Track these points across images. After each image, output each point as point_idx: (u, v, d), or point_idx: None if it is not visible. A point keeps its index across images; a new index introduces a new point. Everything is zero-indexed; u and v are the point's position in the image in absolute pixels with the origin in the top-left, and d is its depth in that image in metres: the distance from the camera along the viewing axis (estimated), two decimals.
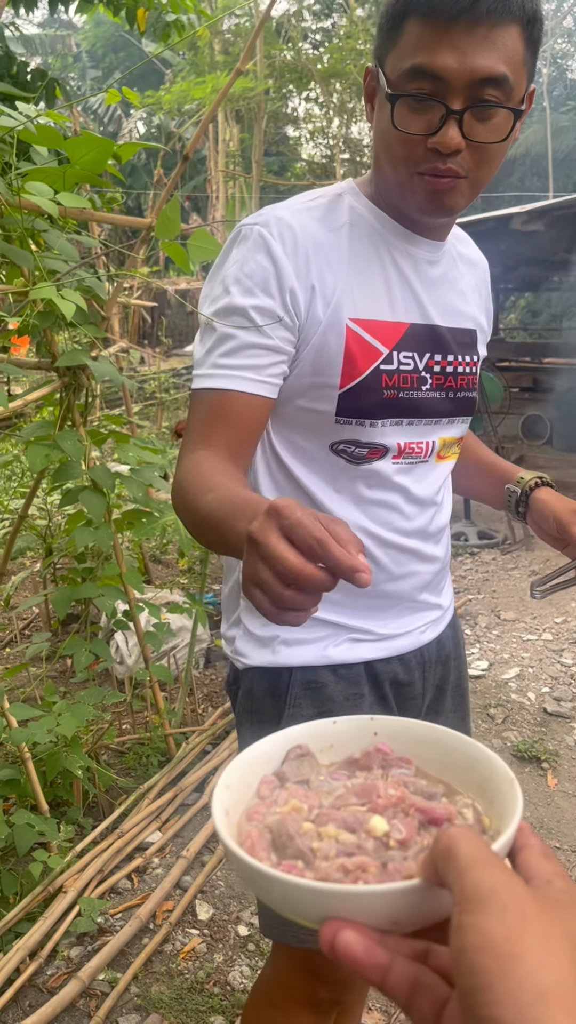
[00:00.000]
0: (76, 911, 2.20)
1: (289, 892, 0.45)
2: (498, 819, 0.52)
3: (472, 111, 1.00)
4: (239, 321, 1.09)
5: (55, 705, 2.39)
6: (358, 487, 1.20)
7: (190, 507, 0.96)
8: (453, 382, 1.23)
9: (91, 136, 1.74)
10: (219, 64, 11.28)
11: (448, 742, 0.60)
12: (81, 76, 16.09)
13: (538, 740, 3.15)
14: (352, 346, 1.12)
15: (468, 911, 0.39)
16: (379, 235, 1.16)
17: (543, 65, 14.71)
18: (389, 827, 0.51)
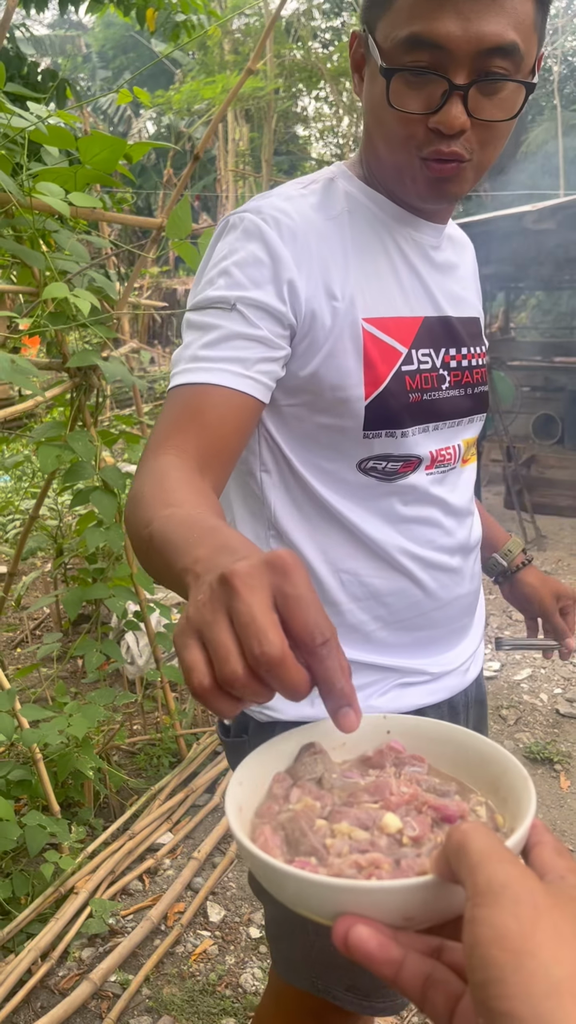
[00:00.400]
0: (88, 912, 2.20)
1: (303, 888, 0.45)
2: (511, 816, 0.52)
3: (478, 85, 0.89)
4: (220, 312, 0.94)
5: (66, 706, 2.39)
6: (393, 505, 1.08)
7: (142, 521, 0.76)
8: (470, 377, 1.14)
9: (102, 135, 1.74)
10: (229, 64, 11.29)
11: (461, 740, 0.60)
12: (91, 77, 16.13)
13: (551, 742, 3.13)
14: (371, 349, 1.00)
15: (481, 905, 0.39)
16: (380, 221, 1.05)
17: (553, 63, 14.64)
18: (402, 824, 0.51)
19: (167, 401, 0.94)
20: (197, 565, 0.60)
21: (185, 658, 0.51)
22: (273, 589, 0.51)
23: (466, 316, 1.15)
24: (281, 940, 1.15)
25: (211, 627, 0.51)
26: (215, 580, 0.53)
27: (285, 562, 0.52)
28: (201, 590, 0.54)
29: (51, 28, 18.13)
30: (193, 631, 0.52)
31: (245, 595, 0.50)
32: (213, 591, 0.53)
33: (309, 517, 1.07)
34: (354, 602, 1.09)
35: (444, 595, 1.13)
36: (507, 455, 6.04)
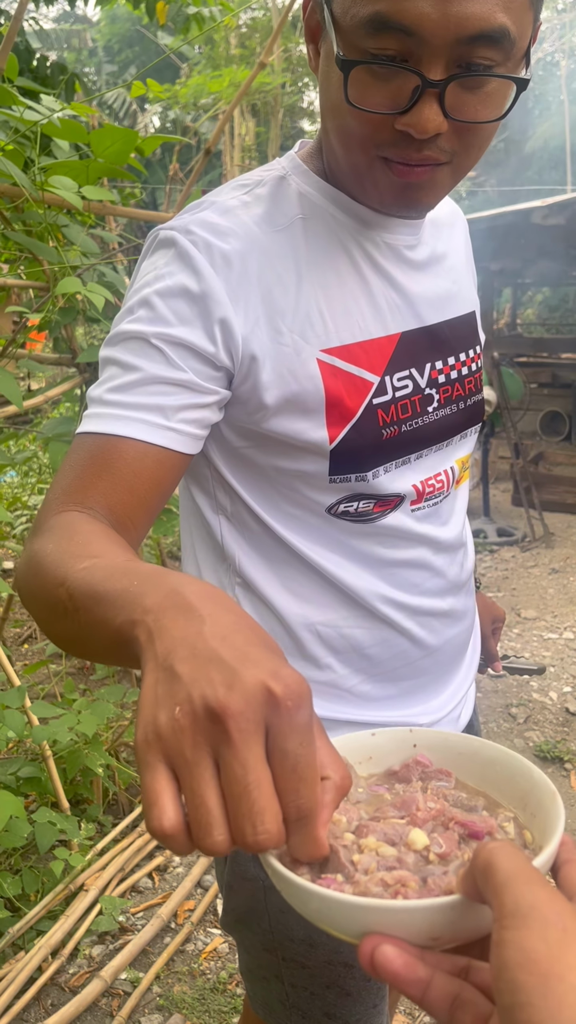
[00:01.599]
0: (97, 910, 2.19)
1: (328, 906, 0.45)
2: (540, 833, 0.51)
3: (457, 81, 0.72)
4: (138, 349, 0.79)
5: (75, 703, 2.38)
6: (373, 548, 0.95)
7: (52, 582, 0.62)
8: (461, 388, 0.99)
9: (115, 128, 1.73)
10: (235, 58, 11.24)
11: (488, 754, 0.59)
12: (97, 71, 16.10)
13: (561, 740, 3.12)
14: (332, 385, 0.85)
15: (508, 927, 0.38)
16: (342, 226, 0.88)
17: (562, 57, 14.58)
18: (429, 841, 0.50)
19: (71, 450, 0.79)
20: (148, 616, 0.50)
21: (148, 784, 0.43)
22: (269, 735, 0.44)
23: (456, 316, 1.00)
24: (256, 984, 1.09)
25: (191, 771, 0.43)
26: (200, 704, 0.43)
27: (286, 699, 0.44)
28: (173, 694, 0.44)
29: (56, 22, 18.10)
30: (163, 754, 0.44)
31: (240, 748, 0.43)
32: (196, 717, 0.43)
33: (277, 565, 0.94)
34: (333, 655, 0.97)
35: (433, 641, 1.01)
36: (515, 452, 6.02)
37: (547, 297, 13.94)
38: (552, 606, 4.51)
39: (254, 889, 1.01)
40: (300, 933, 0.98)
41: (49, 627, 0.66)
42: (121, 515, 0.75)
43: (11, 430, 3.00)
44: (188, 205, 0.90)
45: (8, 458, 2.84)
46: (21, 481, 5.57)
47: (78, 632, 0.60)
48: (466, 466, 1.06)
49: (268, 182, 0.90)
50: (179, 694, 0.44)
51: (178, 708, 0.44)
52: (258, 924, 1.03)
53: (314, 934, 0.98)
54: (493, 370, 5.70)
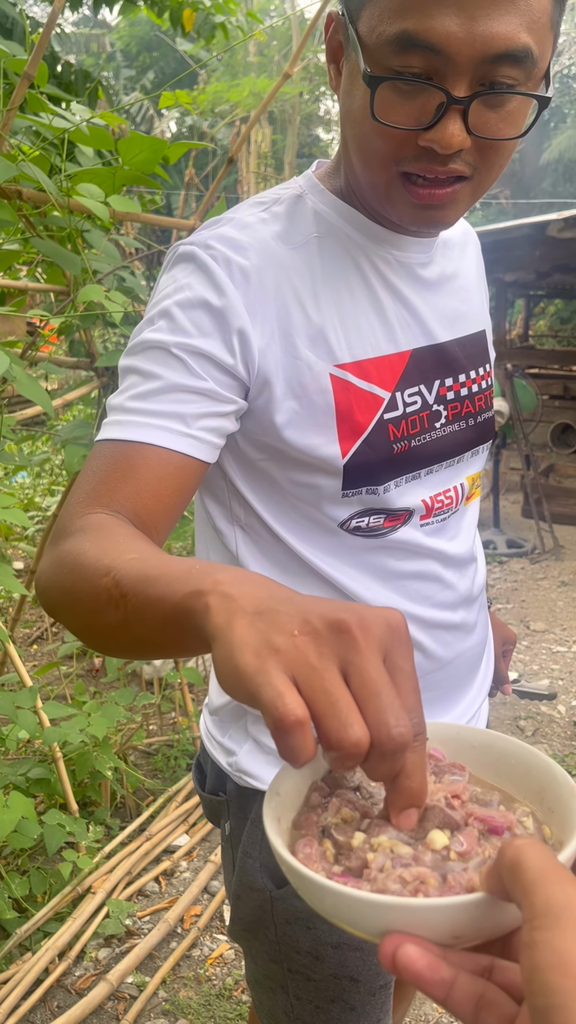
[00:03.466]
0: (104, 913, 2.20)
1: (348, 904, 0.44)
2: (559, 829, 0.50)
3: (481, 98, 0.74)
4: (159, 358, 0.81)
5: (85, 705, 2.39)
6: (385, 561, 0.96)
7: (97, 571, 0.63)
8: (471, 406, 1.00)
9: (142, 136, 1.74)
10: (253, 66, 11.30)
11: (502, 747, 0.58)
12: (115, 75, 16.17)
13: (569, 754, 3.12)
14: (343, 400, 0.87)
15: (540, 928, 0.37)
16: (356, 245, 0.90)
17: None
18: (449, 841, 0.49)
19: (92, 456, 0.80)
20: (221, 586, 0.50)
21: (272, 682, 0.43)
22: (385, 654, 0.45)
23: (466, 335, 1.01)
24: (263, 994, 1.09)
25: (320, 674, 0.43)
26: (320, 621, 0.45)
27: (402, 627, 0.46)
28: (283, 622, 0.45)
29: (76, 26, 18.20)
30: (283, 664, 0.44)
31: (369, 655, 0.44)
32: (318, 632, 0.45)
33: (290, 577, 0.95)
34: None
35: (446, 654, 1.02)
36: (526, 463, 6.02)
37: (560, 309, 13.94)
38: (561, 619, 4.50)
39: (261, 900, 1.01)
40: (306, 945, 0.98)
41: (88, 620, 0.65)
42: (146, 520, 0.76)
43: (26, 432, 3.02)
44: (207, 221, 0.92)
45: (25, 459, 2.86)
46: (33, 482, 5.59)
47: (124, 618, 0.59)
48: (477, 483, 1.07)
49: (285, 200, 0.92)
50: (291, 622, 0.45)
51: (296, 630, 0.45)
52: (265, 935, 1.02)
53: (320, 947, 0.98)
54: (506, 381, 5.70)
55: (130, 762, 2.80)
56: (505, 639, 1.38)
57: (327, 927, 0.96)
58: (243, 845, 1.02)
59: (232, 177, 13.31)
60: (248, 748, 1.01)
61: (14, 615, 2.96)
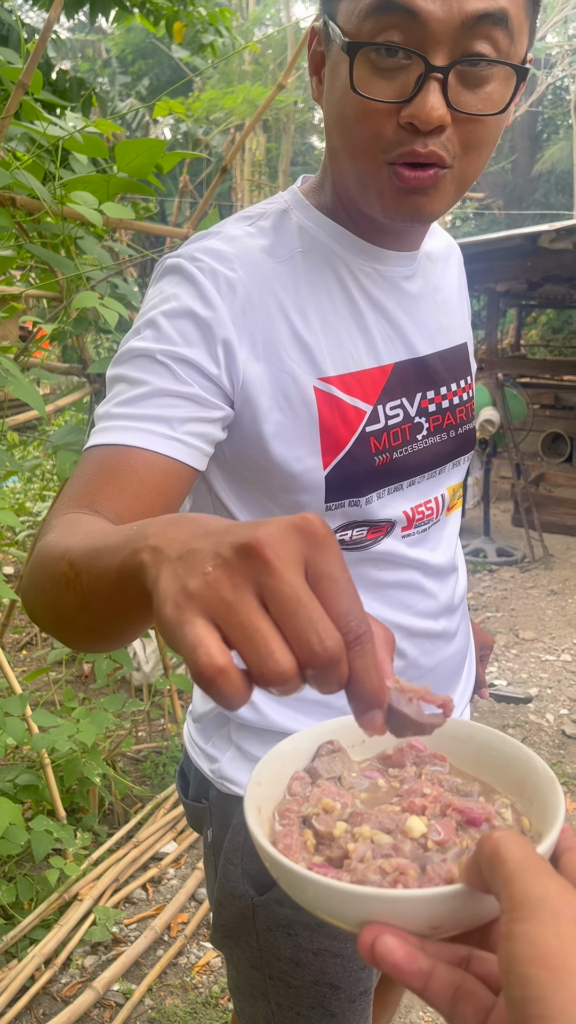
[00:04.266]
0: (91, 920, 2.19)
1: (328, 895, 0.44)
2: (538, 820, 0.51)
3: (460, 70, 0.74)
4: (144, 365, 0.81)
5: (74, 711, 2.39)
6: (367, 572, 0.97)
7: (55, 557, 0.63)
8: (452, 418, 1.01)
9: (138, 140, 1.75)
10: (247, 74, 11.34)
11: (483, 739, 0.58)
12: (110, 81, 16.19)
13: (556, 763, 3.13)
14: (326, 413, 0.87)
15: (518, 919, 0.37)
16: (340, 259, 0.91)
17: (571, 82, 14.70)
18: (427, 828, 0.49)
19: (79, 463, 0.79)
20: (151, 540, 0.48)
21: (189, 634, 0.41)
22: (306, 564, 0.42)
23: (448, 347, 1.01)
24: (244, 1001, 1.09)
25: (235, 608, 0.41)
26: (229, 551, 0.42)
27: (318, 528, 0.43)
28: (197, 562, 0.43)
29: (71, 31, 18.23)
30: (199, 608, 0.42)
31: (284, 572, 0.41)
32: (228, 563, 0.42)
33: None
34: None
35: (427, 662, 1.03)
36: (516, 472, 6.05)
37: (551, 319, 14.01)
38: (550, 628, 4.52)
39: (243, 907, 1.01)
40: (287, 952, 0.99)
41: (53, 609, 0.64)
42: (128, 521, 0.74)
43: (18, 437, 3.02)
44: (194, 235, 0.93)
45: (16, 465, 2.85)
46: (24, 487, 5.58)
47: (81, 598, 0.58)
48: (457, 494, 1.07)
49: (271, 215, 0.93)
50: (204, 559, 0.43)
51: (209, 566, 0.42)
52: (246, 942, 1.03)
53: (301, 954, 0.98)
54: (497, 391, 5.73)
55: (118, 768, 2.80)
56: (483, 644, 1.39)
57: (308, 934, 0.97)
58: (225, 852, 1.03)
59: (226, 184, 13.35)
60: (231, 755, 1.02)
61: (3, 620, 2.95)
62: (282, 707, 0.99)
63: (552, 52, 13.44)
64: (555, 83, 15.22)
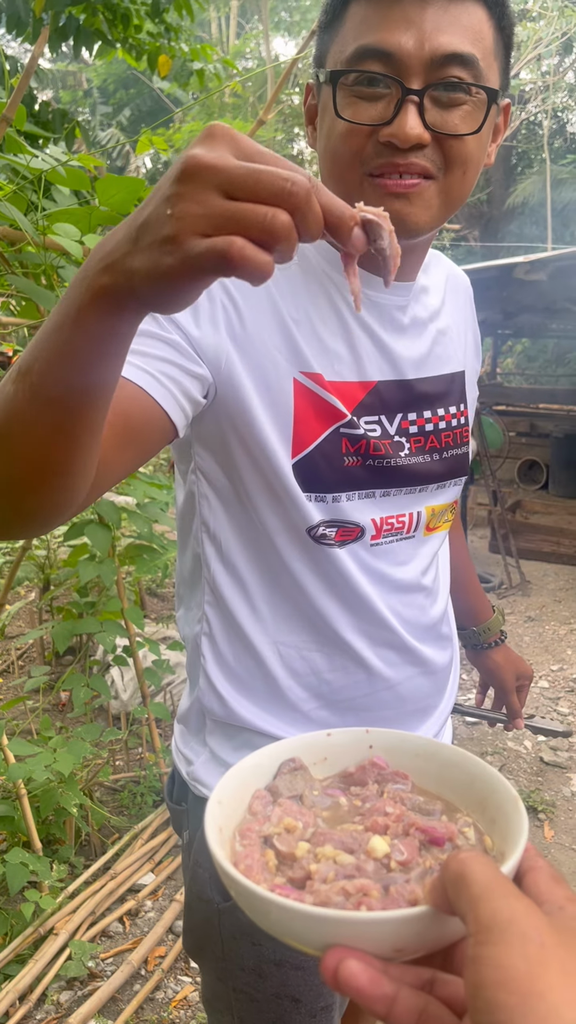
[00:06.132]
0: (67, 954, 2.16)
1: (289, 917, 0.43)
2: (501, 840, 0.50)
3: (435, 94, 0.80)
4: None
5: (51, 740, 2.37)
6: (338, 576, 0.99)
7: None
8: (436, 441, 1.02)
9: (119, 177, 1.77)
10: (228, 106, 11.49)
11: (447, 756, 0.58)
12: (92, 111, 16.34)
13: (535, 790, 3.13)
14: (301, 406, 0.90)
15: (485, 943, 0.37)
16: (330, 281, 0.94)
17: (544, 117, 15.05)
18: (390, 848, 0.49)
19: None
20: (94, 267, 0.53)
21: (197, 253, 0.46)
22: (236, 155, 0.48)
23: (439, 374, 1.03)
24: (213, 1015, 1.09)
25: (215, 212, 0.46)
26: (173, 187, 0.47)
27: (223, 129, 0.49)
28: (154, 221, 0.48)
29: (52, 62, 18.40)
30: (189, 239, 0.47)
31: (226, 163, 0.46)
32: (180, 194, 0.47)
33: (248, 583, 0.98)
34: (293, 677, 1.00)
35: (392, 675, 1.03)
36: (493, 499, 6.10)
37: (527, 348, 14.21)
38: (528, 654, 4.54)
39: (209, 912, 1.00)
40: (250, 962, 0.98)
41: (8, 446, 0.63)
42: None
43: None
44: None
45: None
46: None
47: (32, 388, 0.59)
48: (441, 516, 1.07)
49: None
50: (159, 215, 0.48)
51: (167, 211, 0.47)
52: (212, 950, 1.02)
53: (263, 964, 0.98)
54: (473, 418, 5.80)
55: (96, 799, 2.77)
56: (520, 673, 1.43)
57: (271, 943, 0.97)
58: (194, 855, 1.04)
59: None
60: (204, 759, 1.04)
61: None
62: (248, 703, 1.01)
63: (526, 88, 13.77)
64: (529, 118, 15.56)
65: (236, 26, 14.51)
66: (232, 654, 1.01)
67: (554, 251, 6.44)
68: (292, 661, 0.99)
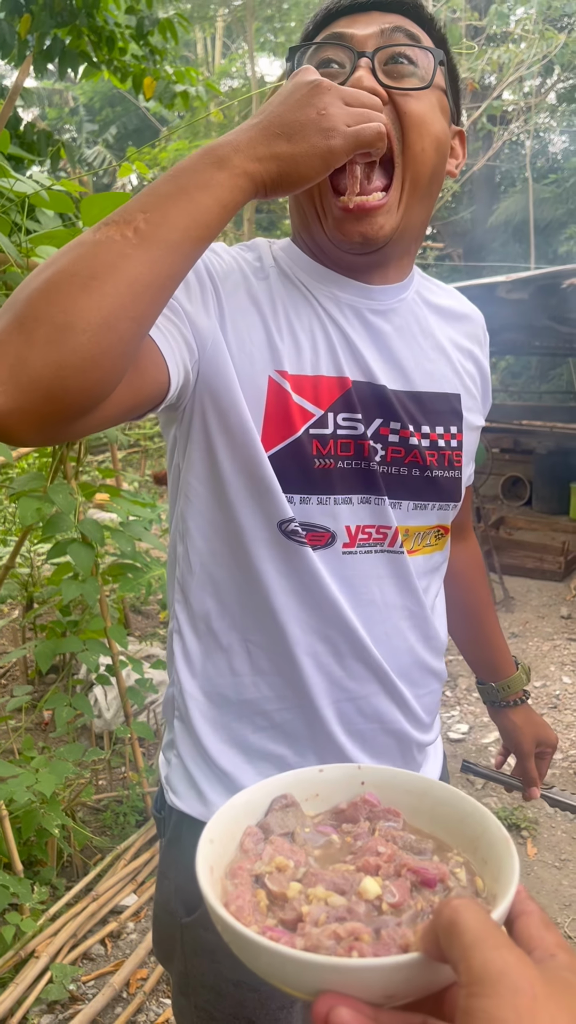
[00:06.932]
0: (48, 977, 2.14)
1: (280, 962, 0.43)
2: (492, 881, 0.50)
3: (384, 57, 0.91)
4: None
5: (33, 760, 2.35)
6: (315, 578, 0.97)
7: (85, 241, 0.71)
8: (420, 457, 1.00)
9: (103, 194, 1.79)
10: (214, 125, 11.57)
11: (438, 794, 0.58)
12: (77, 129, 16.41)
13: (518, 808, 3.14)
14: (273, 404, 0.92)
15: (477, 995, 0.37)
16: (301, 282, 0.98)
17: (526, 137, 15.25)
18: (381, 890, 0.49)
19: None
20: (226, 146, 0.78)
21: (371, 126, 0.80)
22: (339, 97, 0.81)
23: (427, 391, 1.02)
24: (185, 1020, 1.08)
25: (346, 109, 0.80)
26: (306, 93, 0.79)
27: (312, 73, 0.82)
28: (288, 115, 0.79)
29: (38, 80, 18.49)
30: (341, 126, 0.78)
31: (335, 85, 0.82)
32: (317, 98, 0.79)
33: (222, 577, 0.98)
34: (258, 675, 0.99)
35: (356, 688, 1.01)
36: (476, 516, 6.13)
37: (510, 365, 14.32)
38: None
39: (172, 925, 1.00)
40: (210, 979, 0.97)
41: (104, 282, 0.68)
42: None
43: None
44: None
45: None
46: None
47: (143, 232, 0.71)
48: (420, 538, 1.04)
49: (254, 246, 1.03)
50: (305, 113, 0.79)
51: (317, 112, 0.79)
52: (175, 964, 1.02)
53: (222, 983, 0.97)
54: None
55: (78, 819, 2.75)
56: (541, 739, 1.36)
57: (230, 962, 0.93)
58: (162, 864, 1.05)
59: None
60: (175, 764, 1.05)
61: None
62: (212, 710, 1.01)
63: (508, 109, 13.94)
64: (511, 139, 15.76)
65: (222, 46, 14.65)
66: (200, 652, 1.01)
67: (536, 270, 6.50)
68: (259, 660, 0.98)
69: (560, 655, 4.77)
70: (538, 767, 1.37)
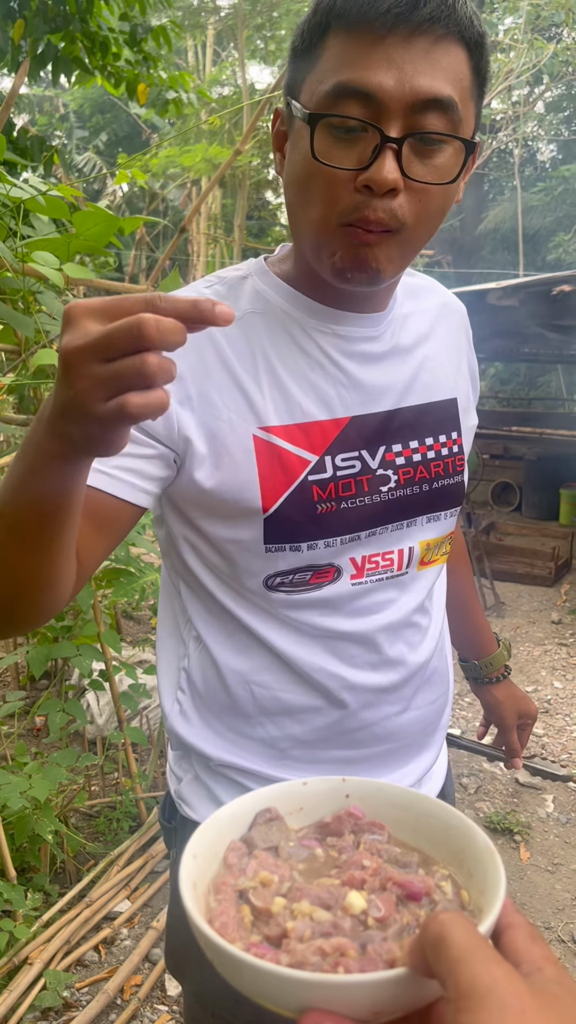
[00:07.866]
0: (41, 984, 2.13)
1: (264, 979, 0.42)
2: (478, 894, 0.50)
3: (412, 143, 0.79)
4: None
5: (26, 766, 2.35)
6: (309, 617, 0.98)
7: None
8: (426, 471, 1.00)
9: (97, 211, 1.80)
10: (204, 132, 11.61)
11: (423, 807, 0.57)
12: (68, 135, 16.42)
13: (511, 812, 3.15)
14: (265, 462, 0.91)
15: (465, 1010, 0.36)
16: (293, 320, 0.94)
17: (514, 146, 15.35)
18: (367, 904, 0.48)
19: None
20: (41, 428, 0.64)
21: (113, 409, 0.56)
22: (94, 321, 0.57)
23: (424, 402, 1.01)
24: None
25: (96, 379, 0.55)
26: (61, 370, 0.58)
27: (72, 309, 0.58)
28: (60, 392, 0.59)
29: (29, 86, 18.50)
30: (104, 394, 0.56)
31: (86, 339, 0.55)
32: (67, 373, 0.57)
33: (223, 623, 1.00)
34: (265, 716, 1.00)
35: (369, 715, 1.01)
36: (467, 521, 6.16)
37: (499, 371, 14.39)
38: None
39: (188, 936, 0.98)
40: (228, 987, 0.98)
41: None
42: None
43: None
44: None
45: None
46: None
47: (11, 526, 0.71)
48: (437, 549, 1.05)
49: (228, 281, 0.97)
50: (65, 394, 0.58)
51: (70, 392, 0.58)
52: (192, 973, 1.02)
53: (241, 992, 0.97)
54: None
55: (71, 825, 2.74)
56: (522, 712, 1.40)
57: None
58: (173, 874, 1.06)
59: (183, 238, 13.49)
60: (190, 778, 1.05)
61: None
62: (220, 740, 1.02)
63: (497, 118, 14.04)
64: (500, 147, 15.87)
65: (212, 54, 14.70)
66: (206, 689, 1.02)
67: (525, 277, 6.55)
68: (264, 701, 1.00)
69: (551, 660, 4.79)
70: (520, 738, 1.42)
